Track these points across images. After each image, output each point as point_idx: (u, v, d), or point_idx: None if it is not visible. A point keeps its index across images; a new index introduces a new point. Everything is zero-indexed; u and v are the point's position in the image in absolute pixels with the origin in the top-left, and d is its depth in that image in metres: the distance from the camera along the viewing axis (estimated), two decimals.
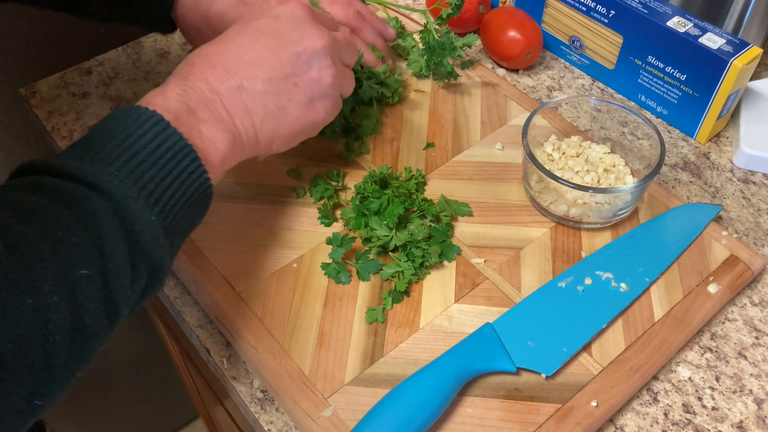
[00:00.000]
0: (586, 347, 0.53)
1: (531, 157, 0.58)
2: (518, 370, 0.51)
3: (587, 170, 0.61)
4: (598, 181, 0.60)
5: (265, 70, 0.50)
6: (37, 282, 0.34)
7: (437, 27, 0.72)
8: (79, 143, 0.42)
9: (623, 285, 0.56)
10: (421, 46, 0.73)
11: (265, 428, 0.52)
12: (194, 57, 0.50)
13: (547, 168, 0.60)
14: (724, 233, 0.60)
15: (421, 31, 0.73)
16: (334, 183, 0.64)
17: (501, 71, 0.79)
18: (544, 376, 0.51)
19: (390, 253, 0.58)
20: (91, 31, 0.84)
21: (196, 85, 0.47)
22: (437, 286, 0.57)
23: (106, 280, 0.38)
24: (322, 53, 0.52)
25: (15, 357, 0.33)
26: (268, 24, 0.52)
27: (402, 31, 0.78)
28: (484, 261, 0.58)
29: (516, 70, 0.79)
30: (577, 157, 0.63)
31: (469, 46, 0.72)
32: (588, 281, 0.56)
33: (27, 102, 0.75)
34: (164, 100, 0.45)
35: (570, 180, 0.58)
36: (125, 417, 1.42)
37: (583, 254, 0.59)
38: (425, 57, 0.72)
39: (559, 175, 0.59)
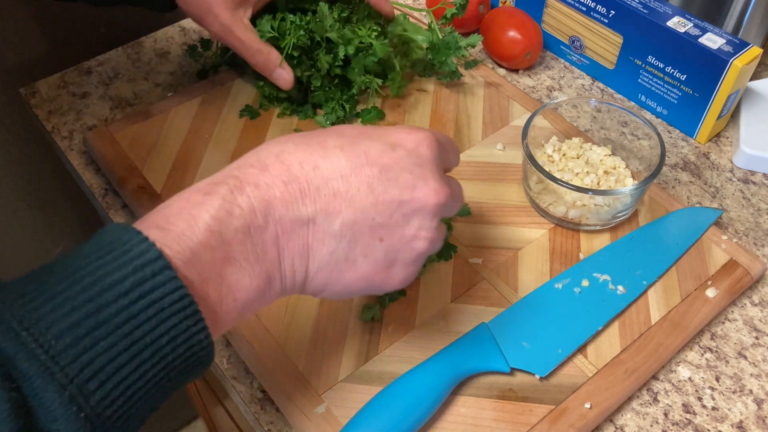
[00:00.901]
0: (582, 349, 0.53)
1: (530, 158, 0.58)
2: (512, 371, 0.51)
3: (587, 172, 0.60)
4: (598, 183, 0.60)
5: (351, 210, 0.38)
6: None
7: (441, 26, 0.72)
8: (36, 276, 0.31)
9: (620, 287, 0.55)
10: (425, 45, 0.73)
11: (265, 428, 0.52)
12: (269, 156, 0.37)
13: (547, 169, 0.60)
14: (724, 237, 0.60)
15: (426, 30, 0.73)
16: None
17: (501, 71, 0.79)
18: (538, 377, 0.51)
19: None
20: (91, 31, 0.84)
21: (252, 203, 0.35)
22: (434, 286, 0.57)
23: None
24: (430, 213, 0.40)
25: None
26: (380, 151, 0.39)
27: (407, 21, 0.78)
28: (482, 261, 0.58)
29: (516, 70, 0.79)
30: (578, 158, 0.62)
31: (473, 46, 0.72)
32: (585, 283, 0.56)
33: (27, 102, 0.75)
34: (190, 221, 0.34)
35: (569, 182, 0.58)
36: None
37: (582, 256, 0.59)
38: (429, 56, 0.72)
39: (558, 176, 0.59)
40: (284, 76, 0.67)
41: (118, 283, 0.31)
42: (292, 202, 0.37)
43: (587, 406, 0.49)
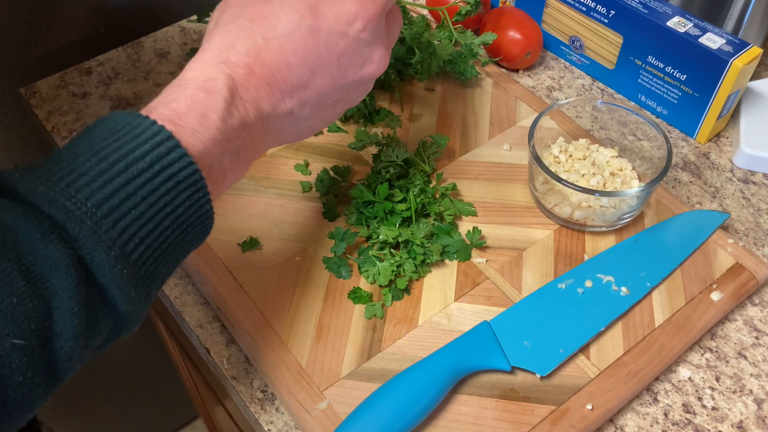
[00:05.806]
0: (584, 350, 0.53)
1: (536, 158, 0.58)
2: (513, 370, 0.51)
3: (593, 173, 0.60)
4: (604, 185, 0.60)
5: (318, 97, 0.44)
6: None
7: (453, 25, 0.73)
8: (60, 157, 0.35)
9: (624, 289, 0.55)
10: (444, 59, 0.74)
11: (265, 428, 0.52)
12: (249, 54, 0.41)
13: (553, 170, 0.60)
14: (730, 241, 0.60)
15: (438, 26, 0.74)
16: (340, 178, 0.64)
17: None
18: (538, 376, 0.51)
19: (392, 249, 0.58)
20: (91, 31, 0.84)
21: (246, 107, 0.41)
22: (438, 285, 0.57)
23: (47, 345, 0.32)
24: (373, 78, 0.47)
25: None
26: (337, 39, 0.44)
27: (429, 28, 0.78)
28: (486, 261, 0.58)
29: (516, 70, 0.79)
30: (584, 160, 0.62)
31: (487, 44, 0.72)
32: (588, 284, 0.56)
33: (27, 102, 0.75)
34: (201, 120, 0.38)
35: (575, 183, 0.58)
36: (125, 417, 1.42)
37: (586, 257, 0.59)
38: (449, 69, 0.72)
39: (564, 177, 0.59)
40: None
41: (140, 159, 0.35)
42: (277, 102, 0.42)
43: (589, 407, 0.50)
